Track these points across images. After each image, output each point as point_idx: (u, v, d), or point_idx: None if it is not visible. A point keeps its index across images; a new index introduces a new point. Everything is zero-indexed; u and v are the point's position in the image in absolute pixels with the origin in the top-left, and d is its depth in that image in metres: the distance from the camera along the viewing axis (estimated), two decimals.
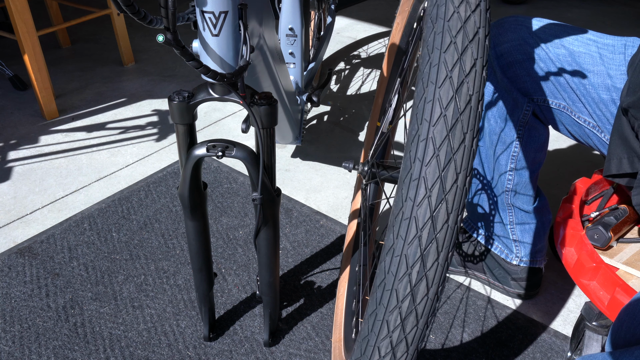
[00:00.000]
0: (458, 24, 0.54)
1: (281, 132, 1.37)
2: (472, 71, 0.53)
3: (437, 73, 0.53)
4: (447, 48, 0.53)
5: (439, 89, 0.53)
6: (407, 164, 0.54)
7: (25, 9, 1.66)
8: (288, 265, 1.23)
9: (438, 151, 0.52)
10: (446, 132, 0.52)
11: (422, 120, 0.53)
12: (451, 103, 0.52)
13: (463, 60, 0.53)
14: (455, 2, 0.55)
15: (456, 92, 0.52)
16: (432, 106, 0.53)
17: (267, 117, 0.79)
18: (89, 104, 1.92)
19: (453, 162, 0.52)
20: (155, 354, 1.02)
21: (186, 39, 0.78)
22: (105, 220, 1.35)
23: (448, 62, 0.53)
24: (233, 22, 0.70)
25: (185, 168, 0.82)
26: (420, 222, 0.52)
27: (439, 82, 0.53)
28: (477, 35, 0.54)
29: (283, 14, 1.43)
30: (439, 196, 0.52)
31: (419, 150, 0.53)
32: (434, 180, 0.52)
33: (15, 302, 1.13)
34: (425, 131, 0.53)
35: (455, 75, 0.53)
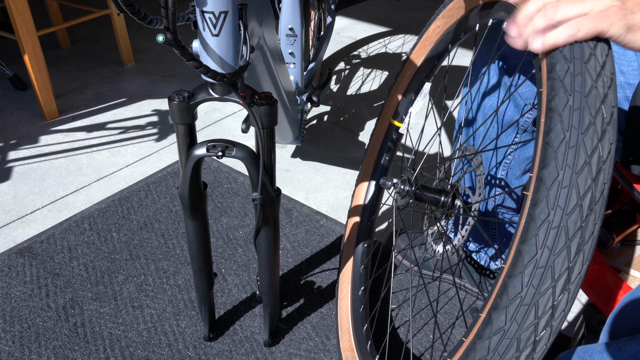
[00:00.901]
0: (597, 103, 0.50)
1: (281, 132, 1.37)
2: (608, 158, 0.50)
3: (575, 157, 0.49)
4: (587, 130, 0.50)
5: (576, 175, 0.49)
6: (532, 249, 0.50)
7: (25, 9, 1.66)
8: (288, 265, 1.23)
9: (570, 242, 0.49)
10: (580, 222, 0.49)
11: (556, 206, 0.49)
12: (588, 192, 0.49)
13: (602, 146, 0.50)
14: (593, 74, 0.51)
15: (594, 180, 0.49)
16: (567, 193, 0.49)
17: (267, 117, 0.79)
18: (89, 104, 1.92)
19: (582, 254, 0.49)
20: (155, 354, 1.02)
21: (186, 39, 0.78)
22: (105, 220, 1.35)
23: (587, 147, 0.49)
24: (233, 22, 0.70)
25: (185, 168, 0.82)
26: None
27: (577, 168, 0.49)
28: (613, 116, 0.50)
29: (283, 14, 1.43)
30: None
31: (549, 239, 0.49)
32: (561, 271, 0.49)
33: (15, 302, 1.13)
34: (558, 219, 0.49)
35: (594, 162, 0.49)
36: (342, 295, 1.04)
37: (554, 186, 0.50)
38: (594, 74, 0.51)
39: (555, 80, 0.53)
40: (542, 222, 0.50)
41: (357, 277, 1.04)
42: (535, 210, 0.50)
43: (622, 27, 0.52)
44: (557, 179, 0.50)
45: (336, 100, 1.95)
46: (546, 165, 0.51)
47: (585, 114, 0.50)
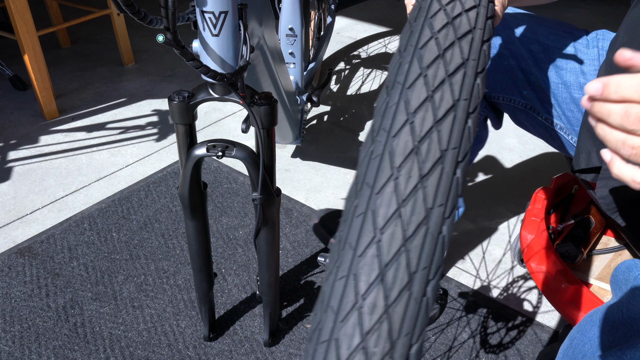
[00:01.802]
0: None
1: (281, 132, 1.37)
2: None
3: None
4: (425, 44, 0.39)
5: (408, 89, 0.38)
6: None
7: (25, 9, 1.66)
8: (288, 265, 1.23)
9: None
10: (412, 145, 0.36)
11: (380, 130, 0.37)
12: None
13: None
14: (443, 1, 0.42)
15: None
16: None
17: (267, 117, 0.79)
18: (89, 104, 1.92)
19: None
20: (155, 354, 1.02)
21: (186, 39, 0.78)
22: (105, 220, 1.35)
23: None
24: (233, 22, 0.70)
25: (185, 168, 0.82)
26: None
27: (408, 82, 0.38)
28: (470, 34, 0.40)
29: (283, 14, 1.43)
30: None
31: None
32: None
33: (15, 302, 1.13)
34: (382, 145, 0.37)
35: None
36: None
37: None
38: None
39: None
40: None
41: None
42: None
43: None
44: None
45: (336, 100, 1.95)
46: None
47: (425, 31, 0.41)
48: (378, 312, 0.29)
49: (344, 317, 0.30)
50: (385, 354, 0.29)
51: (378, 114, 0.38)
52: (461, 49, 0.39)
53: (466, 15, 0.41)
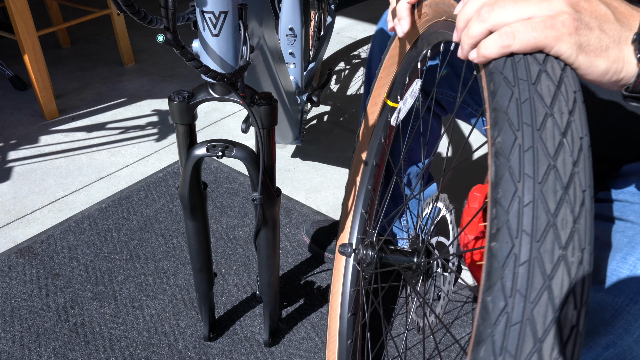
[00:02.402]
0: (556, 136, 0.37)
1: (281, 132, 1.37)
2: (583, 216, 0.36)
3: (533, 224, 0.36)
4: (545, 178, 0.36)
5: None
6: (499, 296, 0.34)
7: (25, 9, 1.66)
8: (288, 265, 1.23)
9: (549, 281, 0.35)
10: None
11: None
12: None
13: (572, 198, 0.36)
14: (546, 99, 0.38)
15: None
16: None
17: (267, 117, 0.79)
18: (89, 104, 1.92)
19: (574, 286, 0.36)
20: (155, 354, 1.02)
21: (186, 39, 0.78)
22: (105, 220, 1.35)
23: (550, 206, 0.36)
24: (233, 22, 0.70)
25: (185, 168, 0.82)
26: None
27: (537, 235, 0.35)
28: (582, 150, 0.37)
29: (283, 14, 1.43)
30: None
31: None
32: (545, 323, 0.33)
33: (15, 302, 1.13)
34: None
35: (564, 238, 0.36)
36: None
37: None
38: (548, 97, 0.38)
39: (498, 112, 0.39)
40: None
41: (343, 352, 0.94)
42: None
43: (572, 45, 0.40)
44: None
45: (336, 100, 1.95)
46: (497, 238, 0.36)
47: (540, 156, 0.36)
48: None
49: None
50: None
51: None
52: None
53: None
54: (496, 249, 0.35)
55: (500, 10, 0.42)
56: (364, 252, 0.69)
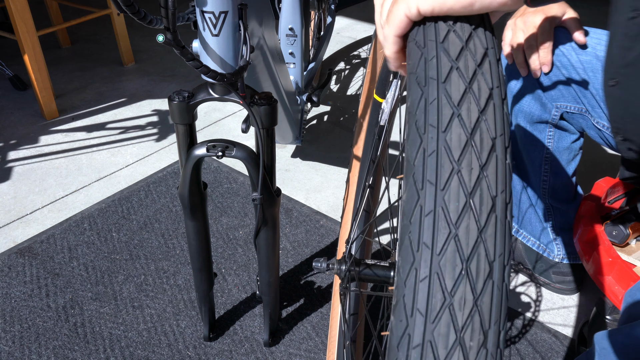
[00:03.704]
0: (460, 86, 0.37)
1: (281, 132, 1.37)
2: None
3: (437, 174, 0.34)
4: (448, 127, 0.35)
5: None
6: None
7: (25, 9, 1.66)
8: (288, 265, 1.23)
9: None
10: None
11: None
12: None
13: (479, 151, 0.35)
14: (452, 53, 0.39)
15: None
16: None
17: (267, 117, 0.79)
18: (89, 104, 1.92)
19: None
20: (155, 354, 1.02)
21: (186, 39, 0.78)
22: (105, 220, 1.35)
23: (453, 154, 0.35)
24: (233, 22, 0.70)
25: (185, 168, 0.82)
26: None
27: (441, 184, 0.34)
28: (493, 99, 0.37)
29: (283, 14, 1.43)
30: None
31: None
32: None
33: (15, 302, 1.13)
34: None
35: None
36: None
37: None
38: (454, 52, 0.38)
39: (410, 75, 0.39)
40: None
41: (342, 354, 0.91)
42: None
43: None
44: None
45: (336, 100, 1.95)
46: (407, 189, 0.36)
47: (444, 106, 0.36)
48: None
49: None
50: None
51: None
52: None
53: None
54: None
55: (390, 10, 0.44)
56: (337, 267, 0.66)
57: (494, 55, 0.39)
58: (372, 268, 0.64)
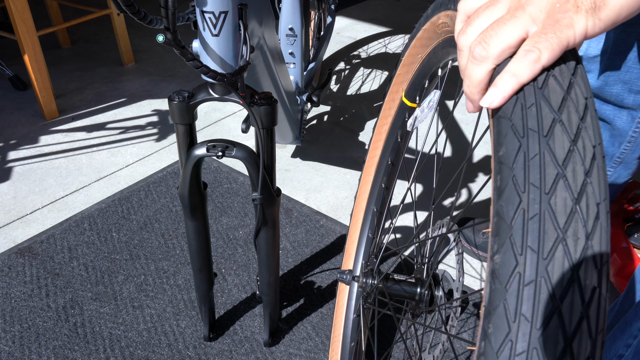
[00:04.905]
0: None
1: (281, 132, 1.37)
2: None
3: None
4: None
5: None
6: None
7: (25, 9, 1.65)
8: (288, 265, 1.23)
9: None
10: None
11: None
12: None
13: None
14: (561, 148, 0.33)
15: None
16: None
17: (267, 117, 0.79)
18: (89, 104, 1.92)
19: None
20: (155, 354, 1.02)
21: (186, 39, 0.78)
22: (105, 220, 1.35)
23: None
24: (233, 22, 0.70)
25: (185, 168, 0.82)
26: None
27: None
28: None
29: (283, 14, 1.43)
30: None
31: None
32: None
33: (15, 302, 1.13)
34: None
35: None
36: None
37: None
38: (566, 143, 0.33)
39: (504, 171, 0.34)
40: None
41: (346, 354, 0.92)
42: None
43: (584, 17, 0.35)
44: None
45: (336, 100, 1.95)
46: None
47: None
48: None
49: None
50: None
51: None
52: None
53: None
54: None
55: (495, 39, 0.36)
56: (364, 280, 0.65)
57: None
58: (400, 284, 0.61)
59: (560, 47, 0.35)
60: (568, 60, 0.36)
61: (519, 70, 0.35)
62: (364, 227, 0.97)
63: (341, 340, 0.96)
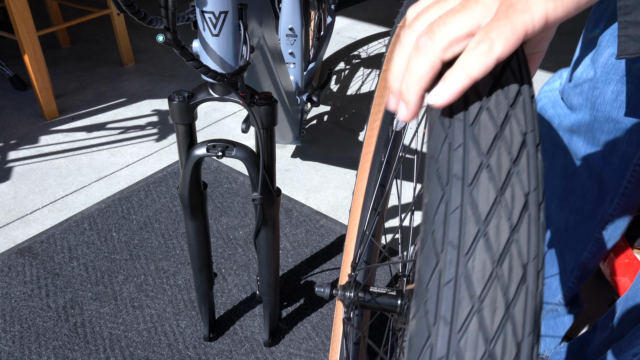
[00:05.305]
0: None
1: (281, 132, 1.37)
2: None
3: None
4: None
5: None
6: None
7: (25, 9, 1.66)
8: (288, 265, 1.23)
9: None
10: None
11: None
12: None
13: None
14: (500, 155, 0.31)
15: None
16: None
17: (267, 117, 0.79)
18: (89, 104, 1.92)
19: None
20: (155, 354, 1.02)
21: (186, 39, 0.78)
22: (105, 220, 1.35)
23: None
24: (233, 22, 0.70)
25: (185, 168, 0.82)
26: None
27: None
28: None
29: (283, 14, 1.43)
30: None
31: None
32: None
33: (15, 302, 1.13)
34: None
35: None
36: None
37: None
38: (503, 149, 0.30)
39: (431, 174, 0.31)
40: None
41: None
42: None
43: (541, 2, 0.30)
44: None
45: (336, 100, 1.95)
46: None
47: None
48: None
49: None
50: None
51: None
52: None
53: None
54: None
55: (442, 29, 0.32)
56: (342, 293, 0.62)
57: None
58: (379, 297, 0.58)
59: (516, 35, 0.30)
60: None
61: (468, 63, 0.31)
62: (362, 224, 0.96)
63: (341, 340, 0.96)
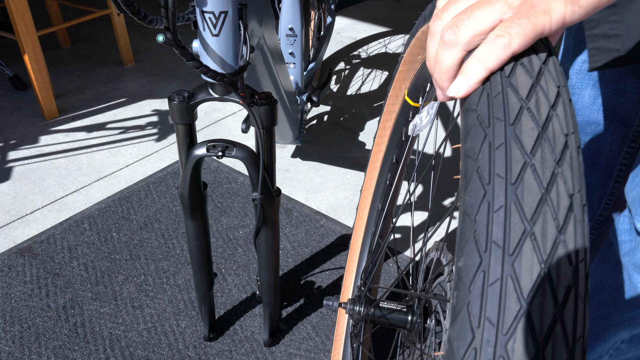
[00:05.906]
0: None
1: (281, 132, 1.37)
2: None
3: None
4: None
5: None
6: None
7: (25, 9, 1.65)
8: (288, 265, 1.23)
9: None
10: None
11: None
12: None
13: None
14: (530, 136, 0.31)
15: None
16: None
17: (267, 117, 0.79)
18: (89, 104, 1.92)
19: None
20: (155, 354, 1.02)
21: (186, 39, 0.78)
22: (105, 220, 1.35)
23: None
24: (233, 22, 0.70)
25: (185, 168, 0.82)
26: None
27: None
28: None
29: (283, 14, 1.43)
30: None
31: None
32: None
33: (15, 302, 1.13)
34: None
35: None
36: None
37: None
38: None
39: (469, 164, 0.31)
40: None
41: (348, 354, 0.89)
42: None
43: (565, 0, 0.33)
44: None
45: (336, 100, 1.95)
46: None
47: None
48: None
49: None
50: None
51: None
52: None
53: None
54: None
55: (466, 23, 0.34)
56: (351, 307, 0.61)
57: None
58: (389, 313, 0.58)
59: (534, 34, 0.32)
60: (539, 49, 0.34)
61: (486, 56, 0.33)
62: (369, 223, 0.95)
63: (343, 339, 0.96)
